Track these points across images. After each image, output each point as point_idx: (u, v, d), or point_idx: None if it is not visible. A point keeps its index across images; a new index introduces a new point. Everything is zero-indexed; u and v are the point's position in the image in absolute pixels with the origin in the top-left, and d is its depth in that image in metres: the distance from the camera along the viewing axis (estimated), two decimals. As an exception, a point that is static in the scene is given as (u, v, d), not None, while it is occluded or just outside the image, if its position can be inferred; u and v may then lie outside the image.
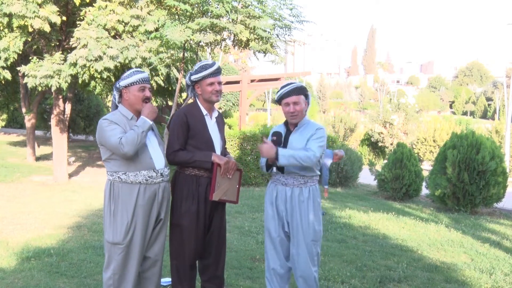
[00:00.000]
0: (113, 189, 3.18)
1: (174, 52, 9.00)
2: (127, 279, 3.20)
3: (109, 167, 3.20)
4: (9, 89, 15.12)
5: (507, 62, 52.44)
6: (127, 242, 3.15)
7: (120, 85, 3.20)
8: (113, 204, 3.16)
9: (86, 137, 20.63)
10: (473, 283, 4.47)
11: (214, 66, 3.43)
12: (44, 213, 7.12)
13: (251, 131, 11.48)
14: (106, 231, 3.20)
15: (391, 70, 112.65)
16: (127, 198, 3.15)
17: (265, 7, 8.26)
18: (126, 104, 3.24)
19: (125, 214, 3.14)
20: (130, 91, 3.20)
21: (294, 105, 3.39)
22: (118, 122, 3.16)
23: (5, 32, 9.17)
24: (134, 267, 3.20)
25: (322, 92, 61.66)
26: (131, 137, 3.06)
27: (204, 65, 3.41)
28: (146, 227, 3.22)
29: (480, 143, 8.67)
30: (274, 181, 3.49)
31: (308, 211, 3.39)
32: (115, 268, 3.17)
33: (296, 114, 3.40)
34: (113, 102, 3.30)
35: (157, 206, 3.26)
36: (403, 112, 19.99)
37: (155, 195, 3.23)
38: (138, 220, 3.17)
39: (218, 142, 3.50)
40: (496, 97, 47.93)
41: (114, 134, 3.09)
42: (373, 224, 6.97)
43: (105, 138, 3.12)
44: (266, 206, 3.54)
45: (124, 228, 3.14)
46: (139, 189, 3.16)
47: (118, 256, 3.16)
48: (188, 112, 3.45)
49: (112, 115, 3.21)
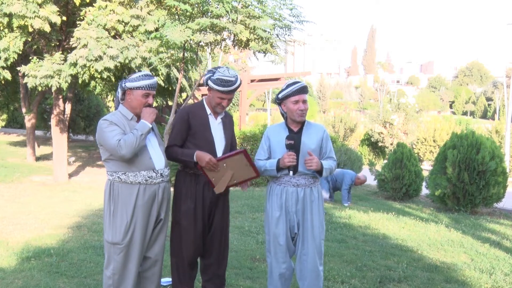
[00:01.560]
0: (112, 189, 3.18)
1: (174, 52, 9.00)
2: (127, 279, 3.20)
3: (109, 167, 3.20)
4: (9, 89, 15.13)
5: (507, 62, 52.37)
6: (127, 242, 3.15)
7: (125, 85, 3.19)
8: (112, 204, 3.16)
9: (86, 137, 20.64)
10: (473, 283, 4.46)
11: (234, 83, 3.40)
12: (44, 213, 7.12)
13: (251, 131, 11.48)
14: (105, 231, 3.20)
15: (391, 70, 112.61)
16: (126, 198, 3.15)
17: (265, 7, 8.26)
18: (127, 105, 3.24)
19: (125, 214, 3.14)
20: (134, 94, 3.19)
21: (304, 103, 3.41)
22: (117, 122, 3.16)
23: (5, 32, 9.17)
24: (134, 267, 3.20)
25: (322, 92, 61.65)
26: (129, 140, 3.06)
27: (222, 79, 3.36)
28: (145, 227, 3.22)
29: (480, 143, 8.67)
30: (282, 183, 3.45)
31: (319, 210, 3.46)
32: (115, 268, 3.17)
33: (305, 112, 3.43)
34: (116, 98, 3.29)
35: (157, 206, 3.26)
36: (403, 112, 20.00)
37: (155, 195, 3.23)
38: (138, 220, 3.16)
39: (220, 143, 3.48)
40: (496, 97, 47.95)
41: (112, 135, 3.08)
42: (373, 224, 6.97)
43: (104, 139, 3.12)
44: (271, 209, 3.47)
45: (124, 228, 3.14)
46: (139, 189, 3.16)
47: (117, 256, 3.16)
48: (191, 110, 3.46)
49: (112, 116, 3.21)
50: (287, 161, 3.33)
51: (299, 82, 3.46)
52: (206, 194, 3.41)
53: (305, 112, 3.42)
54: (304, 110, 3.41)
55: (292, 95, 3.39)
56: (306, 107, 3.43)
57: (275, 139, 3.49)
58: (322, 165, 3.39)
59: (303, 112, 3.41)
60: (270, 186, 3.53)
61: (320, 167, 3.36)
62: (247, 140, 10.93)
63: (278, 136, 3.47)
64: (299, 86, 3.42)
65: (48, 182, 10.42)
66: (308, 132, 3.47)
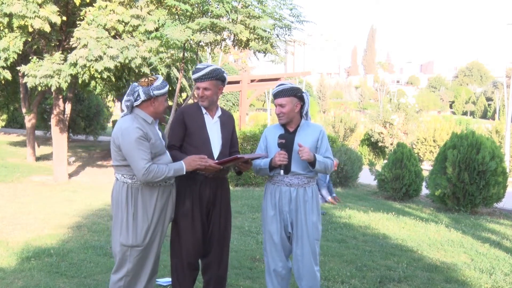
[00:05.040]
0: (131, 192, 3.16)
1: (174, 52, 9.00)
2: (141, 279, 3.24)
3: (128, 170, 3.15)
4: (9, 89, 15.12)
5: (507, 62, 52.39)
6: (146, 244, 3.19)
7: (154, 93, 3.16)
8: (132, 207, 3.16)
9: (86, 137, 20.61)
10: (473, 283, 4.47)
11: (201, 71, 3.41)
12: (44, 213, 7.12)
13: (251, 131, 11.49)
14: (121, 235, 3.16)
15: (391, 70, 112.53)
16: (147, 201, 3.17)
17: (265, 7, 8.27)
18: (149, 111, 3.20)
19: (146, 217, 3.17)
20: (159, 100, 3.22)
21: (281, 107, 3.44)
22: (147, 133, 3.12)
23: (5, 32, 9.17)
24: (149, 268, 3.26)
25: (322, 92, 61.58)
26: (160, 172, 3.07)
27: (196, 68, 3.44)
28: (162, 227, 3.29)
29: (480, 143, 8.67)
30: (275, 182, 3.49)
31: (312, 210, 3.45)
32: (129, 270, 3.18)
33: (282, 116, 3.45)
34: (130, 103, 3.18)
35: (171, 206, 3.34)
36: (403, 112, 19.97)
37: (170, 195, 3.30)
38: (158, 221, 3.23)
39: (217, 142, 3.47)
40: (496, 97, 47.92)
41: (143, 157, 3.05)
42: (373, 224, 6.97)
43: (132, 155, 3.06)
44: (266, 208, 3.54)
45: (145, 230, 3.17)
46: (159, 191, 3.21)
47: (134, 258, 3.18)
48: (185, 111, 3.47)
49: (138, 123, 3.14)
50: (277, 160, 3.37)
51: (283, 85, 3.47)
52: (203, 193, 3.40)
53: (282, 115, 3.45)
54: (279, 113, 3.45)
55: (274, 98, 3.49)
56: (283, 110, 3.43)
57: (271, 138, 3.54)
58: (315, 157, 3.37)
59: (280, 115, 3.46)
60: (266, 185, 3.60)
61: (313, 159, 3.35)
62: (247, 140, 10.93)
63: (275, 135, 3.51)
64: (277, 90, 3.46)
65: (48, 182, 10.41)
66: (304, 132, 3.49)
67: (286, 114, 3.44)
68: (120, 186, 3.20)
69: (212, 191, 3.44)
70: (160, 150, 3.20)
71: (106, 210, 7.31)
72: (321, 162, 3.40)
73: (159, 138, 3.23)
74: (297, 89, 3.47)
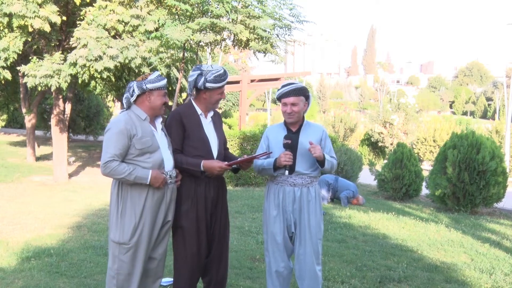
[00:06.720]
0: (121, 189, 3.18)
1: (174, 52, 9.00)
2: (132, 280, 3.20)
3: None
4: (9, 89, 15.12)
5: (507, 62, 52.44)
6: (134, 243, 3.16)
7: (147, 87, 3.17)
8: (121, 204, 3.16)
9: (86, 137, 20.61)
10: (473, 283, 4.46)
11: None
12: (44, 213, 7.12)
13: (251, 131, 11.48)
14: (111, 231, 3.19)
15: (391, 70, 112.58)
16: (136, 199, 3.16)
17: (265, 7, 8.27)
18: (144, 106, 3.21)
19: (133, 215, 3.15)
20: (155, 95, 3.21)
21: (292, 106, 3.42)
22: (130, 129, 3.12)
23: (5, 32, 9.17)
24: (139, 268, 3.21)
25: (322, 92, 61.58)
26: (118, 172, 3.07)
27: (218, 75, 3.33)
28: (152, 228, 3.23)
29: (480, 143, 8.67)
30: (279, 182, 3.48)
31: (315, 210, 3.47)
32: (119, 268, 3.17)
33: (293, 115, 3.44)
34: (127, 100, 3.21)
35: (164, 207, 3.26)
36: (403, 112, 19.96)
37: (163, 196, 3.24)
38: (146, 221, 3.18)
39: (214, 141, 3.47)
40: (496, 97, 47.88)
41: (111, 151, 3.07)
42: (373, 224, 6.97)
43: (105, 145, 3.13)
44: (269, 208, 3.52)
45: (132, 229, 3.15)
46: (148, 190, 3.17)
47: (123, 256, 3.16)
48: (182, 111, 3.44)
49: (129, 118, 3.16)
50: (283, 160, 3.35)
51: (292, 84, 3.46)
52: (208, 195, 3.38)
53: (293, 114, 3.43)
54: (291, 112, 3.42)
55: (282, 97, 3.44)
56: (295, 109, 3.42)
57: (273, 138, 3.53)
58: (325, 156, 3.40)
59: (290, 114, 3.44)
60: (268, 185, 3.58)
61: (323, 157, 3.38)
62: (247, 140, 10.92)
63: (277, 135, 3.50)
64: (288, 88, 3.43)
65: (48, 182, 10.41)
66: (307, 132, 3.49)
67: (298, 113, 3.44)
68: (114, 182, 3.23)
69: (215, 191, 3.44)
70: (150, 147, 3.16)
71: (106, 210, 7.31)
72: (329, 161, 3.44)
73: (150, 135, 3.19)
74: (306, 89, 3.49)
